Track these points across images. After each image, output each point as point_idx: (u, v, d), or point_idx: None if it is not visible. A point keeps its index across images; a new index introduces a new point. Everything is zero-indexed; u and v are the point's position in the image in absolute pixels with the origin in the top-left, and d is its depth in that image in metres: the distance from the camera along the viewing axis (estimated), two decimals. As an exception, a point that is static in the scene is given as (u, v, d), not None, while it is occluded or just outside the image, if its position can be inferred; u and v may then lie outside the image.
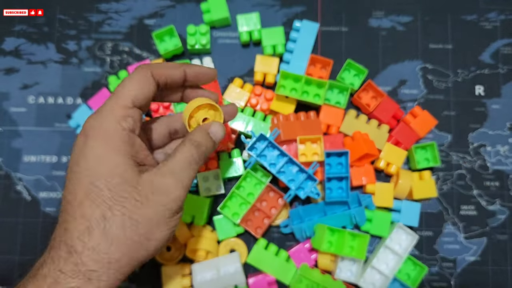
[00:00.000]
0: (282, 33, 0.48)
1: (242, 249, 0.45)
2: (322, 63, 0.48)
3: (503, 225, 0.48)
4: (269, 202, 0.45)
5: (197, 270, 0.43)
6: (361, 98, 0.48)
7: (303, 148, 0.44)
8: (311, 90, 0.45)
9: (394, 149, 0.47)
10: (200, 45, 0.49)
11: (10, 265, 0.47)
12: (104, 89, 0.48)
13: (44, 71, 0.50)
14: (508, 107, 0.50)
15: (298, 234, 0.45)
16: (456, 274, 0.47)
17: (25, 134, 0.49)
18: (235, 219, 0.44)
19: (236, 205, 0.45)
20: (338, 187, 0.44)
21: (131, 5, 0.51)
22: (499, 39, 0.51)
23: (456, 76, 0.50)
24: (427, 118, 0.48)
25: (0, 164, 0.49)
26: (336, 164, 0.44)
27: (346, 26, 0.51)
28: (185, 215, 0.44)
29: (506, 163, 0.49)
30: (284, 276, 0.44)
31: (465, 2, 0.51)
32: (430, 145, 0.47)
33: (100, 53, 0.50)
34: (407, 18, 0.51)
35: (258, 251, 0.44)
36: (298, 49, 0.48)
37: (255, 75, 0.48)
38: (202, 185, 0.45)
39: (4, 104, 0.49)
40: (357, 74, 0.48)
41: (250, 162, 0.42)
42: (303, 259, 0.45)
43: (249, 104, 0.47)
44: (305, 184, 0.43)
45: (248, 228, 0.44)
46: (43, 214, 0.48)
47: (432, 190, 0.46)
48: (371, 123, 0.47)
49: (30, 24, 0.51)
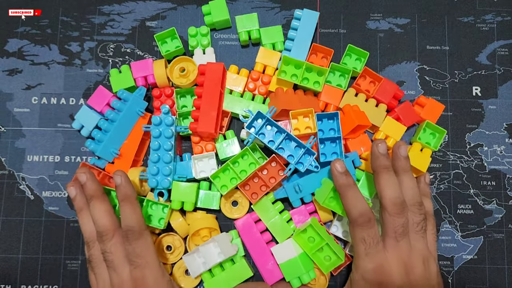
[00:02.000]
0: (280, 31, 0.49)
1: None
2: (324, 52, 0.49)
3: (499, 224, 0.48)
4: (270, 172, 0.46)
5: (189, 260, 0.44)
6: (360, 85, 0.49)
7: (296, 122, 0.45)
8: (311, 77, 0.47)
9: (394, 123, 0.47)
10: (201, 46, 0.49)
11: (13, 263, 0.48)
12: (100, 87, 0.48)
13: (47, 72, 0.51)
14: (504, 108, 0.50)
15: (292, 194, 0.45)
16: (453, 272, 0.47)
17: (29, 134, 0.50)
18: (223, 190, 0.45)
19: (227, 178, 0.45)
20: (332, 152, 0.45)
21: (133, 7, 0.52)
22: (496, 41, 0.51)
23: (453, 77, 0.51)
24: (434, 104, 0.48)
25: (4, 164, 0.49)
26: (328, 130, 0.45)
27: (344, 28, 0.52)
28: (174, 202, 0.45)
29: (503, 163, 0.49)
30: (280, 234, 0.45)
31: (461, 4, 0.52)
32: (440, 131, 0.47)
33: (102, 54, 0.51)
34: (405, 20, 0.52)
35: (265, 203, 0.46)
36: (299, 37, 0.49)
37: (256, 66, 0.49)
38: (196, 167, 0.46)
39: (8, 104, 0.50)
40: (358, 58, 0.49)
41: (249, 141, 0.43)
42: (303, 221, 0.46)
43: (247, 89, 0.48)
44: (304, 159, 0.44)
45: (245, 192, 0.45)
46: (46, 213, 0.49)
47: (425, 165, 0.46)
48: (370, 102, 0.48)
49: (33, 25, 0.52)
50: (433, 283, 0.39)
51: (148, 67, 0.48)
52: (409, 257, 0.39)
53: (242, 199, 0.47)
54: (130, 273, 0.39)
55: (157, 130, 0.45)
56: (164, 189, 0.45)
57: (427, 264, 0.39)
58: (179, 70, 0.46)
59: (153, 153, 0.45)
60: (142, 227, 0.39)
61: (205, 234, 0.45)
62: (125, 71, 0.48)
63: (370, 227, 0.39)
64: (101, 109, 0.47)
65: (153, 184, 0.44)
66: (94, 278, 0.41)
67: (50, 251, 0.48)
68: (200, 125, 0.44)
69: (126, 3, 0.52)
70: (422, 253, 0.39)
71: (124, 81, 0.48)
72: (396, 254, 0.39)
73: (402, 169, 0.41)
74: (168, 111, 0.45)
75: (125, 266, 0.39)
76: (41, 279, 0.47)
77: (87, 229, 0.41)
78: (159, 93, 0.48)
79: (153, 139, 0.45)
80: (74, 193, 0.42)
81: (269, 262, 0.45)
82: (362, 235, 0.39)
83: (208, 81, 0.45)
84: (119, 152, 0.46)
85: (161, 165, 0.45)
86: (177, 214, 0.46)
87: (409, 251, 0.39)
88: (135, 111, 0.46)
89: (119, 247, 0.39)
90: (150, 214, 0.45)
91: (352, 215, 0.39)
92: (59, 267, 0.48)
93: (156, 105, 0.48)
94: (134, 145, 0.47)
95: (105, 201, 0.41)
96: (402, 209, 0.39)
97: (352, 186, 0.40)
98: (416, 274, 0.39)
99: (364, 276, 0.39)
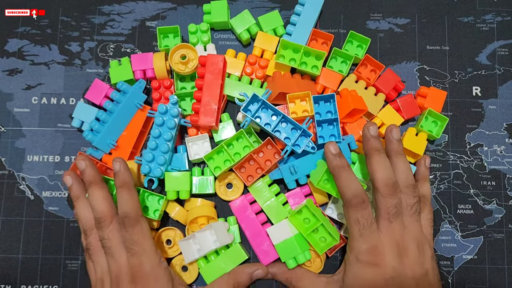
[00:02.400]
0: (278, 16, 0.49)
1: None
2: (324, 37, 0.49)
3: (499, 224, 0.48)
4: (265, 154, 0.46)
5: (184, 245, 0.44)
6: (361, 73, 0.49)
7: (293, 106, 0.45)
8: (309, 61, 0.47)
9: (393, 113, 0.47)
10: (201, 42, 0.49)
11: (13, 263, 0.48)
12: (96, 80, 0.48)
13: (47, 72, 0.51)
14: (504, 108, 0.50)
15: (287, 175, 0.45)
16: (453, 272, 0.48)
17: (29, 134, 0.50)
18: (216, 172, 0.45)
19: (221, 160, 0.46)
20: (330, 135, 0.45)
21: (133, 7, 0.52)
22: (496, 41, 0.51)
23: (453, 77, 0.51)
24: (436, 93, 0.48)
25: (4, 164, 0.49)
26: (326, 113, 0.45)
27: (344, 28, 0.52)
28: (169, 192, 0.45)
29: (503, 163, 0.49)
30: (275, 217, 0.46)
31: (461, 4, 0.52)
32: (442, 118, 0.47)
33: (102, 54, 0.51)
34: (405, 20, 0.52)
35: (261, 186, 0.46)
36: (301, 22, 0.48)
37: (254, 50, 0.49)
38: (191, 150, 0.46)
39: (8, 104, 0.50)
40: (360, 45, 0.49)
41: (245, 123, 0.43)
42: (298, 203, 0.46)
43: (244, 73, 0.48)
44: (300, 141, 0.44)
45: (241, 175, 0.45)
46: (46, 213, 0.48)
47: (421, 148, 0.46)
48: (369, 89, 0.48)
49: (33, 25, 0.52)
50: (427, 267, 0.39)
51: (148, 60, 0.48)
52: (402, 238, 0.39)
53: (236, 181, 0.47)
54: (127, 260, 0.39)
55: (161, 119, 0.45)
56: (155, 178, 0.45)
57: (422, 248, 0.39)
58: (179, 57, 0.46)
59: (152, 140, 0.45)
60: (138, 214, 0.40)
61: (203, 222, 0.45)
62: (125, 64, 0.48)
63: (363, 208, 0.39)
64: (99, 101, 0.47)
65: (146, 170, 0.44)
66: (92, 266, 0.41)
67: (50, 251, 0.48)
68: (201, 119, 0.45)
69: (126, 3, 0.52)
70: (416, 236, 0.40)
71: (123, 73, 0.48)
72: (390, 235, 0.39)
73: (395, 152, 0.41)
74: (176, 102, 0.45)
75: (122, 252, 0.39)
76: (41, 279, 0.47)
77: (85, 217, 0.41)
78: (158, 85, 0.48)
79: (155, 127, 0.45)
80: (71, 182, 0.42)
81: (264, 243, 0.45)
82: (356, 216, 0.39)
83: (208, 73, 0.45)
84: (116, 143, 0.46)
85: (157, 153, 0.45)
86: (174, 204, 0.46)
87: (402, 233, 0.39)
88: (134, 104, 0.47)
89: (116, 233, 0.40)
90: (146, 206, 0.45)
91: (346, 196, 0.39)
92: (59, 267, 0.48)
93: (155, 97, 0.47)
94: (132, 137, 0.47)
95: (103, 187, 0.41)
96: (394, 190, 0.39)
97: (345, 167, 0.40)
98: (410, 257, 0.39)
99: (358, 257, 0.39)
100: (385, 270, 0.38)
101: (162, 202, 0.44)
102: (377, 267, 0.38)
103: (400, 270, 0.38)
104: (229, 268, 0.44)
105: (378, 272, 0.38)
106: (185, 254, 0.44)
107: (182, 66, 0.47)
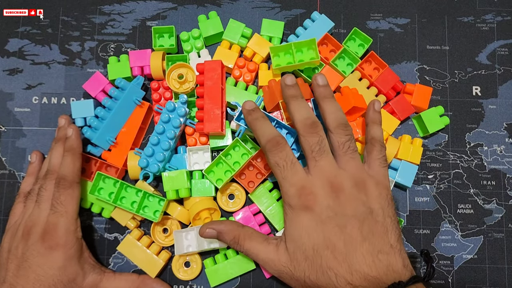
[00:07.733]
0: (281, 29, 0.49)
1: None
2: (334, 45, 0.48)
3: (499, 224, 0.48)
4: (264, 159, 0.46)
5: (177, 237, 0.44)
6: (364, 69, 0.49)
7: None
8: (305, 55, 0.46)
9: (388, 117, 0.48)
10: (195, 48, 0.49)
11: (13, 262, 0.48)
12: (97, 73, 0.48)
13: (47, 71, 0.51)
14: (504, 107, 0.50)
15: None
16: (453, 271, 0.48)
17: (29, 134, 0.50)
18: (218, 184, 0.45)
19: (222, 171, 0.46)
20: None
21: (133, 7, 0.52)
22: (496, 40, 0.51)
23: (453, 77, 0.51)
24: (422, 89, 0.48)
25: (5, 164, 0.49)
26: None
27: (344, 28, 0.52)
28: (169, 192, 0.45)
29: (503, 162, 0.49)
30: (278, 222, 0.46)
31: (461, 4, 0.52)
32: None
33: (103, 54, 0.51)
34: (405, 20, 0.52)
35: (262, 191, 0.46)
36: (305, 37, 0.48)
37: (245, 50, 0.49)
38: (191, 159, 0.47)
39: (9, 104, 0.50)
40: (361, 44, 0.49)
41: (240, 132, 0.43)
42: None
43: (232, 76, 0.48)
44: (296, 145, 0.44)
45: (242, 182, 0.46)
46: (46, 213, 0.49)
47: (417, 156, 0.47)
48: (371, 90, 0.48)
49: (34, 25, 0.52)
50: (371, 206, 0.37)
51: (146, 57, 0.48)
52: (335, 177, 0.38)
53: (238, 192, 0.47)
54: (47, 217, 0.41)
55: (167, 116, 0.45)
56: (151, 173, 0.45)
57: (363, 186, 0.38)
58: (177, 75, 0.46)
59: (155, 135, 0.45)
60: (75, 180, 0.42)
61: (206, 216, 0.45)
62: (123, 61, 0.49)
63: (280, 150, 0.39)
64: (95, 94, 0.48)
65: (143, 164, 0.44)
66: (19, 210, 0.44)
67: (51, 251, 0.48)
68: (207, 126, 0.44)
69: (126, 3, 0.52)
70: (353, 174, 0.38)
71: (121, 70, 0.48)
72: (319, 173, 0.38)
73: (322, 96, 0.41)
74: (185, 102, 0.45)
75: (47, 206, 0.41)
76: (41, 278, 0.48)
77: (52, 163, 0.44)
78: (157, 86, 0.48)
79: (160, 123, 0.45)
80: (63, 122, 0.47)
81: None
82: (274, 160, 0.39)
83: (208, 80, 0.45)
84: (115, 140, 0.46)
85: (157, 149, 0.45)
86: (174, 205, 0.46)
87: (334, 171, 0.38)
88: (132, 100, 0.47)
89: (52, 189, 0.42)
90: (146, 205, 0.45)
91: (262, 143, 0.40)
92: (59, 266, 0.48)
93: (155, 98, 0.48)
94: (132, 133, 0.47)
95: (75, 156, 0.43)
96: (314, 128, 0.39)
97: (260, 118, 0.41)
98: (347, 195, 0.37)
99: (290, 203, 0.38)
100: (320, 211, 0.36)
101: (163, 203, 0.44)
102: (311, 210, 0.37)
103: (337, 208, 0.36)
104: (235, 274, 0.45)
105: (313, 214, 0.36)
106: (176, 246, 0.44)
107: (178, 84, 0.47)
